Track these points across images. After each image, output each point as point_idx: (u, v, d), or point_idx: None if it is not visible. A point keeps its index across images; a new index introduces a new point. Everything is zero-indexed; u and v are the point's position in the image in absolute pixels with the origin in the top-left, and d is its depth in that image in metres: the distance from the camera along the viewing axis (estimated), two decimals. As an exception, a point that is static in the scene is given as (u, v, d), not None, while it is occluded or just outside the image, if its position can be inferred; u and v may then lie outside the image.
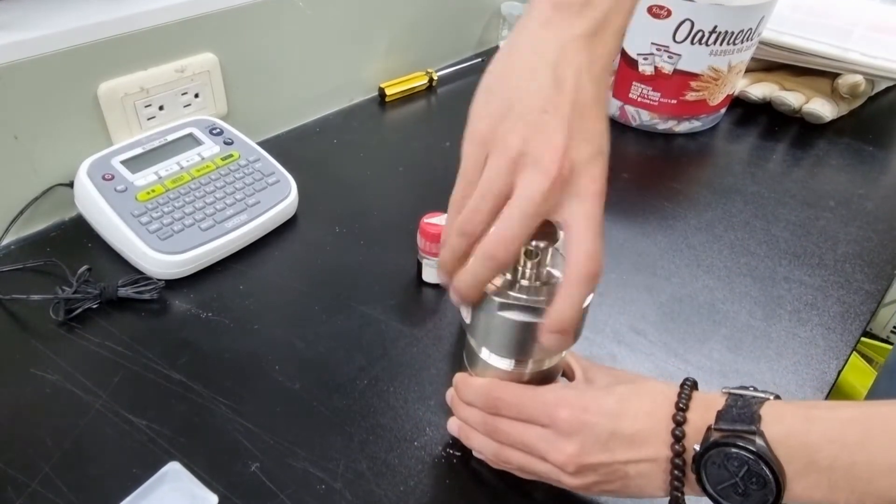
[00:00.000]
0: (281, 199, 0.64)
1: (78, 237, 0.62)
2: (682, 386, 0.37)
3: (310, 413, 0.48)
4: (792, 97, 0.88)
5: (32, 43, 0.56)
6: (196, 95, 0.69)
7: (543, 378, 0.42)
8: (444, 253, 0.37)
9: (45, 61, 0.57)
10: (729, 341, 0.55)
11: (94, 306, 0.54)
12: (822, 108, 0.87)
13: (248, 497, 0.42)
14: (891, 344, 1.31)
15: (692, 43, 0.76)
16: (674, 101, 0.82)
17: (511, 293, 0.37)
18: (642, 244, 0.66)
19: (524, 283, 0.38)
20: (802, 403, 0.35)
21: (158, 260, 0.56)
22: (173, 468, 0.43)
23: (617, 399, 0.37)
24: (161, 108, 0.67)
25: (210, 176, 0.62)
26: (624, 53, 0.81)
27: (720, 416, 0.34)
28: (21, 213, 0.61)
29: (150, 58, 0.65)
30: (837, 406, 0.33)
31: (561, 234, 0.37)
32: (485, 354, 0.41)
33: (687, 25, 0.74)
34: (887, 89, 0.99)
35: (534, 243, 0.36)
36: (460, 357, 0.52)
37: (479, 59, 1.00)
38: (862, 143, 0.86)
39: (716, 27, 0.74)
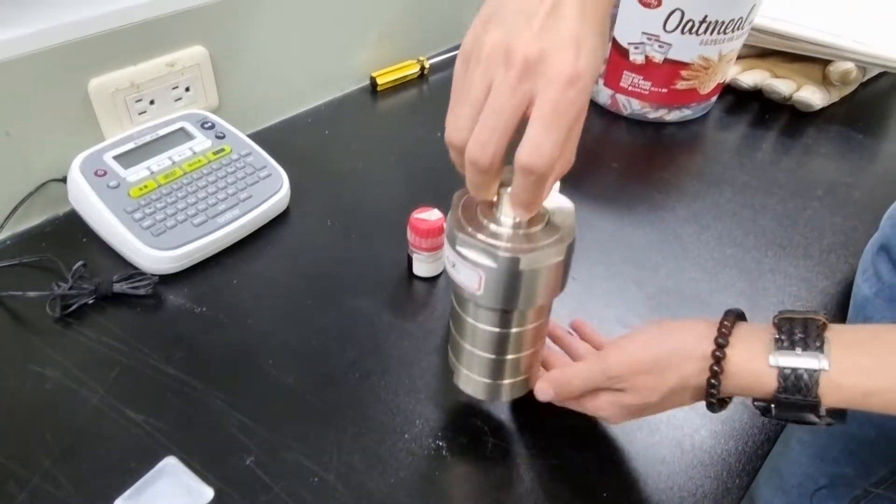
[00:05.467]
0: (273, 193, 0.64)
1: (72, 232, 0.62)
2: (714, 355, 0.39)
3: (303, 406, 0.49)
4: (782, 85, 0.89)
5: (22, 40, 0.56)
6: (187, 89, 0.69)
7: (533, 337, 0.43)
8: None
9: (35, 58, 0.57)
10: (713, 333, 0.56)
11: (90, 302, 0.55)
12: (813, 96, 0.87)
13: (244, 490, 0.43)
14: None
15: (682, 32, 0.76)
16: (664, 90, 0.82)
17: (475, 232, 0.36)
18: (631, 235, 0.67)
19: (505, 230, 0.37)
20: (860, 378, 0.36)
21: (152, 256, 0.57)
22: (170, 462, 0.44)
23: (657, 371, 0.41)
24: (152, 102, 0.67)
25: (202, 171, 0.63)
26: (615, 42, 0.81)
27: (778, 399, 0.37)
28: (15, 209, 0.61)
29: (140, 52, 0.65)
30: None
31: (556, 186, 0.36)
32: (470, 311, 0.42)
33: (677, 15, 0.74)
34: (878, 75, 0.99)
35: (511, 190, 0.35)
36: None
37: (472, 46, 1.00)
38: (852, 130, 0.86)
39: (706, 17, 0.74)
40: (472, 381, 0.45)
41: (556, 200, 0.40)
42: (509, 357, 0.43)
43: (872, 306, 0.57)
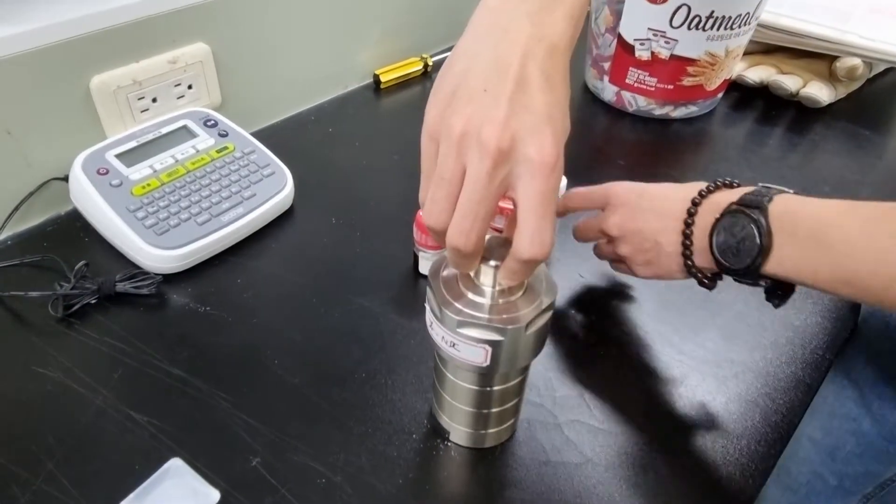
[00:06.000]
0: (277, 191, 0.63)
1: (74, 231, 0.62)
2: (715, 182, 0.46)
3: (309, 407, 0.48)
4: (789, 81, 0.88)
5: (23, 37, 0.55)
6: (189, 87, 0.69)
7: (513, 392, 0.43)
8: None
9: (36, 55, 0.57)
10: (723, 331, 0.56)
11: (93, 302, 0.55)
12: (820, 92, 0.86)
13: (250, 492, 0.43)
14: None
15: (689, 28, 0.75)
16: (670, 87, 0.81)
17: (471, 311, 0.37)
18: (638, 233, 0.66)
19: (485, 301, 0.37)
20: (815, 199, 0.41)
21: (155, 255, 0.56)
22: (175, 464, 0.43)
23: (659, 189, 0.50)
24: (154, 100, 0.66)
25: (205, 169, 0.62)
26: (621, 39, 0.80)
27: (741, 197, 0.43)
28: (17, 208, 0.60)
29: (142, 49, 0.64)
30: (843, 202, 0.39)
31: None
32: (451, 370, 0.42)
33: (684, 10, 0.74)
34: (885, 71, 0.99)
35: (494, 262, 0.36)
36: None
37: (475, 44, 0.99)
38: (859, 126, 0.86)
39: (713, 12, 0.73)
40: (456, 430, 0.46)
41: None
42: (494, 410, 0.44)
43: None
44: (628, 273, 0.53)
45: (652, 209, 0.48)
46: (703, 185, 0.47)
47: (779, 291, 0.44)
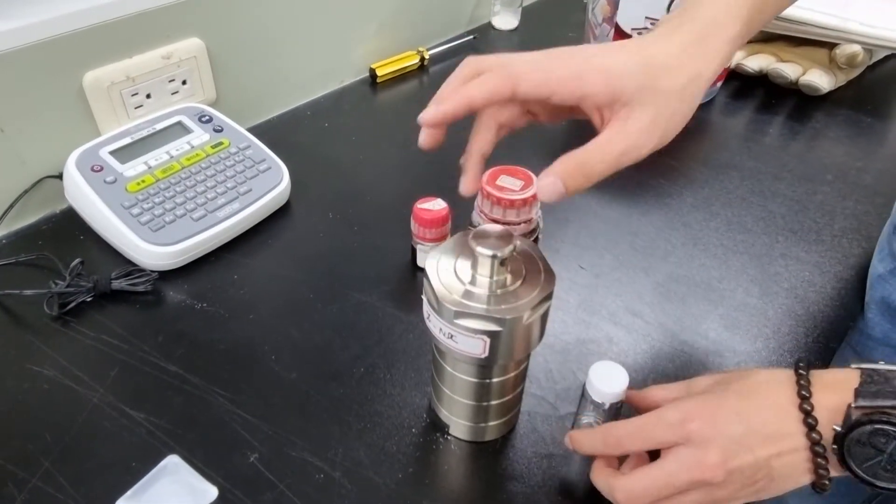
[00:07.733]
0: (273, 186, 0.63)
1: (70, 229, 0.61)
2: (797, 372, 0.36)
3: (307, 402, 0.48)
4: (789, 69, 0.87)
5: (14, 33, 0.55)
6: (184, 82, 0.68)
7: (512, 384, 0.43)
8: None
9: (27, 52, 0.56)
10: (725, 321, 0.55)
11: (88, 299, 0.54)
12: (820, 80, 0.86)
13: (248, 488, 0.42)
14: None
15: (687, 16, 0.74)
16: (669, 76, 0.80)
17: (468, 302, 0.36)
18: (638, 223, 0.65)
19: (483, 291, 0.37)
20: None
21: (151, 252, 0.56)
22: (172, 461, 0.43)
23: (737, 397, 0.36)
24: (148, 96, 0.66)
25: (200, 164, 0.62)
26: (618, 28, 0.79)
27: (859, 393, 0.34)
28: (11, 206, 0.60)
29: (136, 45, 0.63)
30: None
31: (517, 241, 0.37)
32: (449, 362, 0.42)
33: (682, -2, 0.73)
34: (886, 58, 0.98)
35: (491, 252, 0.36)
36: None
37: (472, 37, 0.98)
38: (860, 114, 0.85)
39: (711, -1, 0.73)
40: (456, 423, 0.45)
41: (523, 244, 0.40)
42: (493, 403, 0.43)
43: (888, 284, 0.56)
44: None
45: (757, 433, 0.36)
46: (784, 378, 0.37)
47: None
